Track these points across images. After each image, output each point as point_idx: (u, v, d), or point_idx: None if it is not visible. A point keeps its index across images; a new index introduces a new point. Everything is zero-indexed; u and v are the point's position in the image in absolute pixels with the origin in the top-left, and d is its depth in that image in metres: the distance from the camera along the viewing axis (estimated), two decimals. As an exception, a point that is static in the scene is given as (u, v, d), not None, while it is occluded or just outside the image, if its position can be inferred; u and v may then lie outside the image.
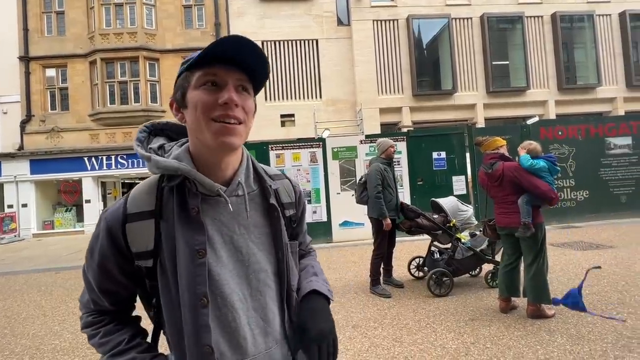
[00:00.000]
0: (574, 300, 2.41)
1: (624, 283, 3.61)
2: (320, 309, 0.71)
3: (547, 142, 7.32)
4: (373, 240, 3.87)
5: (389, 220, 3.65)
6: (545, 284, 2.85)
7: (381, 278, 3.91)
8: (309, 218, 7.40)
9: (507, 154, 3.14)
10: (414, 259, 4.36)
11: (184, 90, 0.64)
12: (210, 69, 0.62)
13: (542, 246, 2.90)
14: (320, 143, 7.46)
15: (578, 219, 7.32)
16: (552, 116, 12.32)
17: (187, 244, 0.61)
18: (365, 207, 3.95)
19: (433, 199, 4.20)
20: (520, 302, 3.10)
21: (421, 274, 4.25)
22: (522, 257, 3.03)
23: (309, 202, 7.28)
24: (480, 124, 11.97)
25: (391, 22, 12.47)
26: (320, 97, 12.53)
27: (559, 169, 3.08)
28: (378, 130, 11.75)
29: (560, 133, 7.53)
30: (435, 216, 4.00)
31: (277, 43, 12.52)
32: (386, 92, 12.42)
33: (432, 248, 4.09)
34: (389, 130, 12.24)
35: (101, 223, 0.66)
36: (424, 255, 4.16)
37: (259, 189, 0.72)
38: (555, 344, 2.45)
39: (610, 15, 13.08)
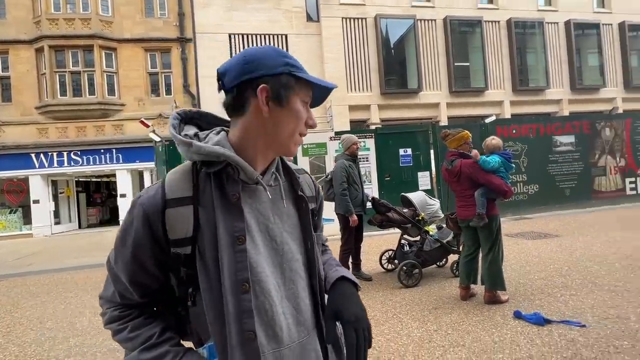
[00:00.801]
0: (536, 320, 2.65)
1: (567, 268, 3.99)
2: (351, 293, 0.72)
3: (502, 140, 7.81)
4: (340, 236, 3.93)
5: (355, 217, 3.72)
6: (500, 271, 3.08)
7: (350, 272, 3.99)
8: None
9: (470, 147, 3.31)
10: (385, 252, 4.51)
11: (290, 93, 0.65)
12: (308, 91, 0.68)
13: (497, 236, 3.12)
14: (290, 139, 7.42)
15: (529, 210, 7.96)
16: (508, 115, 13.21)
17: (226, 230, 0.62)
18: (333, 203, 4.01)
19: (403, 193, 4.37)
20: (479, 289, 3.32)
21: (392, 266, 4.40)
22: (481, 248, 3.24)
23: (279, 199, 7.24)
24: (444, 122, 12.54)
25: (360, 20, 12.64)
26: (290, 93, 12.44)
27: (513, 165, 3.31)
28: (348, 127, 11.89)
29: (514, 131, 8.10)
30: (405, 210, 4.15)
31: (244, 37, 12.23)
32: (355, 89, 12.60)
33: (402, 241, 4.24)
34: (358, 127, 12.44)
35: (135, 210, 0.64)
36: (395, 248, 4.31)
37: (288, 181, 0.75)
38: (509, 326, 2.66)
39: (557, 23, 14.23)
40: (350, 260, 4.07)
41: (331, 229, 6.77)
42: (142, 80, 11.84)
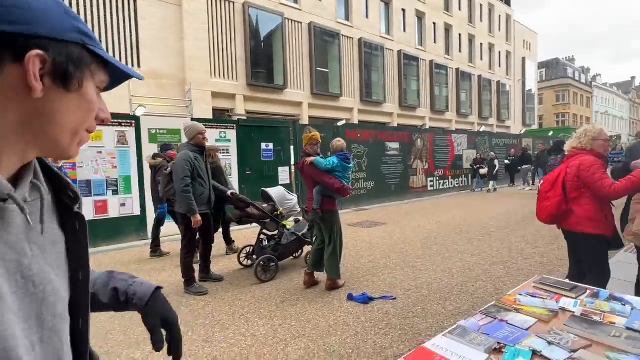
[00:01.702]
0: (363, 300, 3.15)
1: (388, 250, 4.93)
2: (164, 299, 0.77)
3: (350, 142, 9.03)
4: (181, 238, 3.51)
5: (198, 217, 3.34)
6: (338, 261, 3.45)
7: (197, 275, 3.65)
8: (115, 212, 6.09)
9: (316, 149, 3.56)
10: (244, 247, 4.43)
11: (85, 73, 0.47)
12: (105, 76, 0.52)
13: (335, 229, 3.47)
14: (134, 122, 6.20)
15: (367, 203, 9.51)
16: (356, 121, 15.39)
17: None
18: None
19: (263, 188, 4.39)
20: (323, 277, 3.63)
21: (250, 262, 4.33)
22: None
23: (115, 192, 5.98)
24: (305, 120, 13.42)
25: (227, 3, 11.88)
26: (139, 66, 10.45)
27: (349, 165, 3.58)
28: (210, 115, 11.05)
29: (359, 135, 9.47)
30: (265, 205, 4.19)
31: (70, -19, 9.39)
32: (220, 75, 11.80)
33: (261, 236, 4.25)
34: (222, 116, 11.75)
35: None
36: (254, 244, 4.27)
37: (54, 191, 0.54)
38: (343, 309, 3.02)
39: (393, 50, 17.57)
40: (203, 261, 3.73)
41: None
42: None
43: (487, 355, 1.07)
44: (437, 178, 11.95)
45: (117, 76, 0.53)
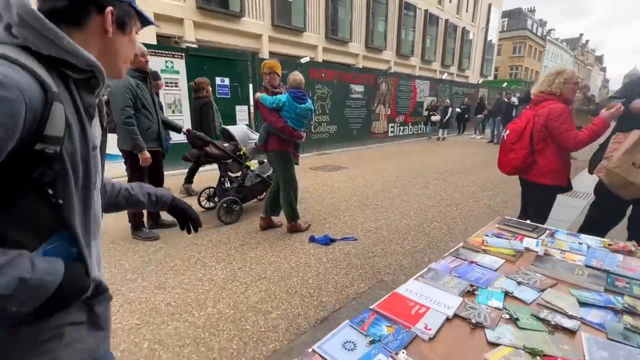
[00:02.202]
0: (325, 241, 3.14)
1: (350, 194, 4.96)
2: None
3: (313, 82, 8.49)
4: (127, 178, 3.11)
5: (146, 154, 2.93)
6: (292, 203, 3.29)
7: (145, 220, 3.34)
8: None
9: (277, 81, 3.21)
10: (204, 190, 4.17)
11: (132, 22, 0.75)
12: (139, 23, 0.79)
13: (289, 172, 3.22)
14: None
15: (329, 147, 9.39)
16: (320, 60, 14.44)
17: (83, 137, 0.65)
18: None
19: (224, 126, 4.09)
20: (285, 220, 3.52)
21: (211, 204, 4.12)
22: None
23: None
24: (264, 55, 12.25)
25: None
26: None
27: (300, 106, 3.04)
28: (153, 41, 9.49)
29: (323, 75, 8.91)
30: (226, 144, 3.88)
31: None
32: (162, -7, 9.93)
33: (222, 177, 3.98)
34: (167, 43, 10.20)
35: (9, 93, 0.52)
36: (214, 186, 4.03)
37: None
38: (304, 250, 2.99)
39: (362, -18, 16.03)
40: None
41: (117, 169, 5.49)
42: None
43: (461, 299, 1.02)
44: (398, 124, 12.05)
45: (144, 23, 0.80)
